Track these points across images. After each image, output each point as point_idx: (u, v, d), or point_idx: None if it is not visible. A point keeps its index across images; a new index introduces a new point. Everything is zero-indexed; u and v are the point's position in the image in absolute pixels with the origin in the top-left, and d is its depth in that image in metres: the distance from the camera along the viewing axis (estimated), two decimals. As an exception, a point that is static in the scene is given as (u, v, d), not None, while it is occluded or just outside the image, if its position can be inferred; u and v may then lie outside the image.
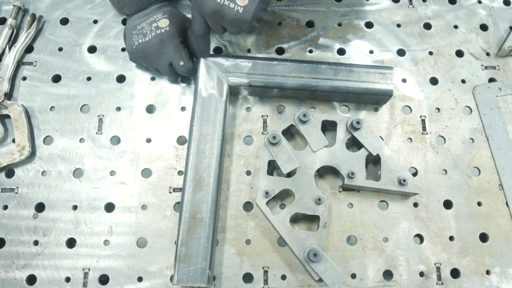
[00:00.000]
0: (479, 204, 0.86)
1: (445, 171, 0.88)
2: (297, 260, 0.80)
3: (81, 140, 0.89)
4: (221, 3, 0.72)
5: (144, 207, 0.85)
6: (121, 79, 0.93)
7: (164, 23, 0.83)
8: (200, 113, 0.84)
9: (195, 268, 0.76)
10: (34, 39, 0.95)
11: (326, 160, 0.83)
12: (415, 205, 0.86)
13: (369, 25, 0.98)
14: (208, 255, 0.77)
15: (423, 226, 0.85)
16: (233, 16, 0.72)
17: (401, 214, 0.85)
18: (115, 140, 0.89)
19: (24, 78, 0.92)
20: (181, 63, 0.84)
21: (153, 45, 0.82)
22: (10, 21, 0.93)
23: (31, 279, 0.81)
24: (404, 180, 0.81)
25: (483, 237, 0.85)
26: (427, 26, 0.98)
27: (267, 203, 0.81)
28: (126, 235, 0.83)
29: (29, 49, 0.94)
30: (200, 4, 0.74)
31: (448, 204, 0.86)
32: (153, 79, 0.93)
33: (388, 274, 0.82)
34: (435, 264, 0.83)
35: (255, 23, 0.75)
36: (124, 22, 0.96)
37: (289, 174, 0.83)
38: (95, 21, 0.96)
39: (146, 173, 0.87)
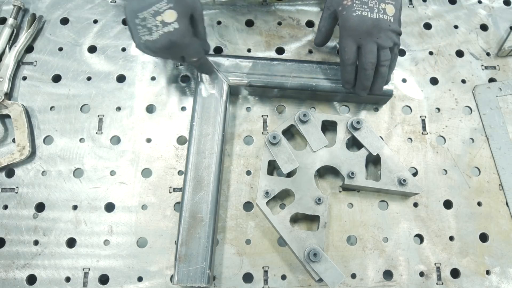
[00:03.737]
0: (479, 204, 0.86)
1: (445, 171, 0.88)
2: (297, 260, 0.80)
3: (81, 140, 0.89)
4: (377, 17, 0.75)
5: (144, 207, 0.85)
6: (121, 79, 0.93)
7: (170, 16, 0.72)
8: (200, 113, 0.84)
9: (195, 268, 0.76)
10: (34, 39, 0.95)
11: (326, 160, 0.83)
12: (415, 205, 0.86)
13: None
14: (208, 255, 0.77)
15: (423, 226, 0.85)
16: (388, 26, 0.76)
17: (401, 214, 0.85)
18: (115, 140, 0.89)
19: (24, 78, 0.92)
20: (194, 59, 0.78)
21: (162, 45, 0.74)
22: (10, 21, 0.93)
23: (31, 279, 0.81)
24: (404, 180, 0.81)
25: (483, 237, 0.85)
26: (427, 26, 0.98)
27: (267, 203, 0.81)
28: (126, 235, 0.83)
29: (29, 49, 0.94)
30: (358, 24, 0.75)
31: (448, 204, 0.86)
32: (153, 79, 0.93)
33: (388, 274, 0.82)
34: (435, 264, 0.83)
35: (401, 31, 0.79)
36: (124, 22, 0.96)
37: (289, 174, 0.83)
38: (95, 21, 0.96)
39: (146, 173, 0.87)
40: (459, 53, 0.96)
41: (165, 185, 0.86)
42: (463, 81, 0.94)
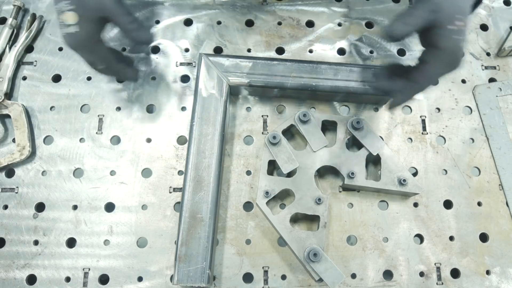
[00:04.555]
0: (479, 204, 0.86)
1: (445, 171, 0.88)
2: (297, 260, 0.80)
3: (81, 140, 0.89)
4: None
5: (144, 207, 0.85)
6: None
7: (70, 18, 0.68)
8: (200, 113, 0.84)
9: (195, 268, 0.76)
10: (34, 39, 0.95)
11: (326, 160, 0.83)
12: (415, 205, 0.86)
13: (369, 25, 0.98)
14: (208, 255, 0.77)
15: (423, 226, 0.85)
16: None
17: (401, 214, 0.85)
18: (115, 140, 0.89)
19: (24, 78, 0.92)
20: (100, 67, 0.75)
21: (68, 45, 0.71)
22: (10, 20, 0.93)
23: (31, 279, 0.81)
24: (404, 180, 0.81)
25: (483, 237, 0.85)
26: (427, 26, 0.98)
27: (267, 203, 0.81)
28: (126, 235, 0.83)
29: (29, 49, 0.94)
30: None
31: (448, 204, 0.86)
32: (153, 79, 0.93)
33: (388, 274, 0.82)
34: (435, 264, 0.83)
35: None
36: (124, 22, 0.96)
37: (289, 174, 0.83)
38: (95, 21, 0.96)
39: (146, 173, 0.87)
40: (459, 53, 0.96)
41: (165, 185, 0.86)
42: (463, 81, 0.94)
